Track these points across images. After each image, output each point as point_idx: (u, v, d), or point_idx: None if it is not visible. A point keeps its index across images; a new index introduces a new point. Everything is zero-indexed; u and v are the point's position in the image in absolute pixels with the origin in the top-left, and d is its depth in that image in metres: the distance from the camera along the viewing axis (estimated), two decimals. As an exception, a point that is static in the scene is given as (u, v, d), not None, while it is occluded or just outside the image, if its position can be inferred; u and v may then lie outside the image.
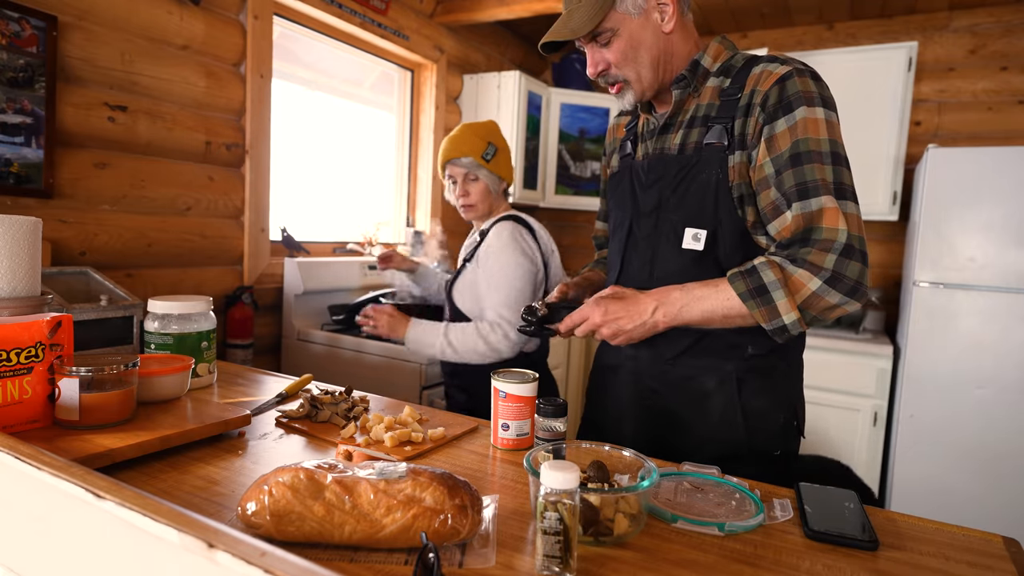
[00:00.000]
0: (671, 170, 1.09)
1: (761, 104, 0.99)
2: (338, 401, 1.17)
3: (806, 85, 0.97)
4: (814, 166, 0.94)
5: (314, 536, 0.66)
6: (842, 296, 0.92)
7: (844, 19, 3.16)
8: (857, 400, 2.62)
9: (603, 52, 1.08)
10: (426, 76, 3.20)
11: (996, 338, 2.34)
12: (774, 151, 0.97)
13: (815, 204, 0.93)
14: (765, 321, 0.95)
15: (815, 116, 0.96)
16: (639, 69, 1.07)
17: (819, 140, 0.95)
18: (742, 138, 1.01)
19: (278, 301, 2.43)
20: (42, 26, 1.63)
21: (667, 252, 1.09)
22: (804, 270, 0.92)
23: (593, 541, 0.71)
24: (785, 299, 0.93)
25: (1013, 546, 0.75)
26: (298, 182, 2.71)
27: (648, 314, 1.00)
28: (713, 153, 1.04)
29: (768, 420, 1.09)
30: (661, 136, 1.12)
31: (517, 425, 1.01)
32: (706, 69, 1.09)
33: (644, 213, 1.13)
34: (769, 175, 0.98)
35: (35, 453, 0.57)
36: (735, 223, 1.03)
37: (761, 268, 0.95)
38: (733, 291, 0.96)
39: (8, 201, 1.61)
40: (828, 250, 0.92)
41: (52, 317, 0.94)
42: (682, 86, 1.08)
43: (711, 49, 1.09)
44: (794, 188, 0.95)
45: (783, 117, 0.97)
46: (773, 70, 1.00)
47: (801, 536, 0.76)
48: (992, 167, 2.34)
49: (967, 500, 2.38)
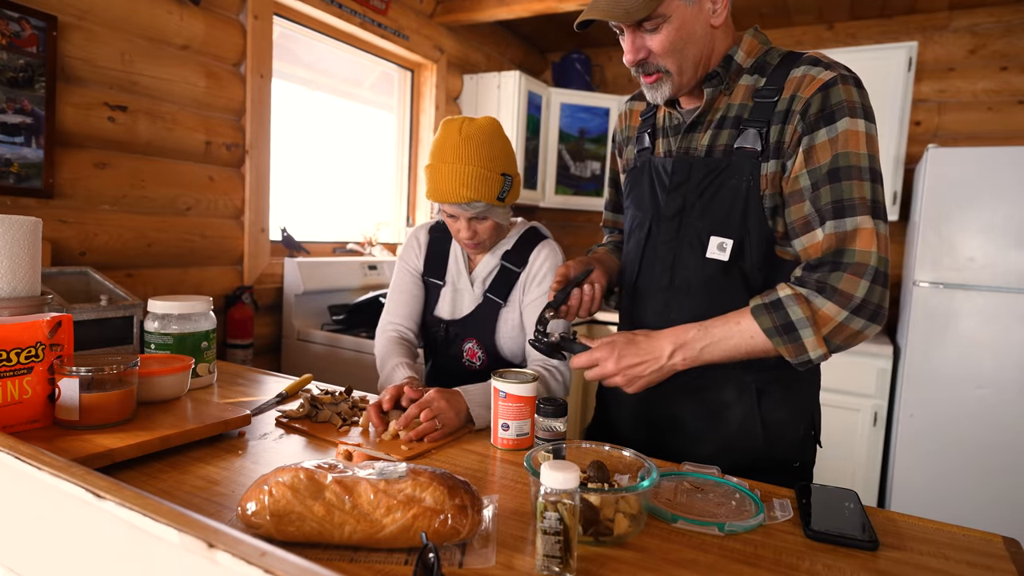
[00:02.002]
0: (698, 174, 1.03)
1: (802, 112, 0.94)
2: (338, 401, 1.17)
3: (850, 94, 0.92)
4: (853, 183, 0.90)
5: (314, 536, 0.66)
6: (865, 322, 0.89)
7: (844, 19, 3.16)
8: (857, 400, 2.62)
9: (647, 39, 0.98)
10: (426, 76, 3.20)
11: (996, 338, 2.33)
12: (812, 163, 0.93)
13: (850, 224, 0.90)
14: (791, 357, 0.91)
15: (857, 129, 0.91)
16: (682, 61, 0.99)
17: (859, 155, 0.91)
18: (778, 146, 0.96)
19: (278, 301, 2.43)
20: (42, 26, 1.63)
21: (689, 260, 1.04)
22: (832, 303, 0.89)
23: (593, 541, 0.71)
24: (813, 336, 0.89)
25: (1013, 546, 0.75)
26: (298, 182, 2.71)
27: (665, 358, 0.95)
28: (745, 158, 0.98)
29: (788, 431, 1.06)
30: (687, 135, 1.06)
31: (517, 425, 1.01)
32: (739, 65, 1.02)
33: (666, 217, 1.07)
34: (804, 188, 0.93)
35: (35, 453, 0.57)
36: (764, 234, 0.98)
37: (788, 303, 0.90)
38: (757, 326, 0.91)
39: (8, 201, 1.61)
40: (861, 275, 0.88)
41: (52, 317, 0.94)
42: (715, 83, 1.02)
43: (744, 43, 1.03)
44: (830, 205, 0.91)
45: (824, 128, 0.92)
46: (817, 75, 0.94)
47: (801, 536, 0.76)
48: (992, 167, 2.33)
49: (967, 500, 2.38)
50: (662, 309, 1.09)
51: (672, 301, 1.08)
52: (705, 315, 0.98)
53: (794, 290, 0.92)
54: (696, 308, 1.03)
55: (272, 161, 2.33)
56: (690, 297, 1.05)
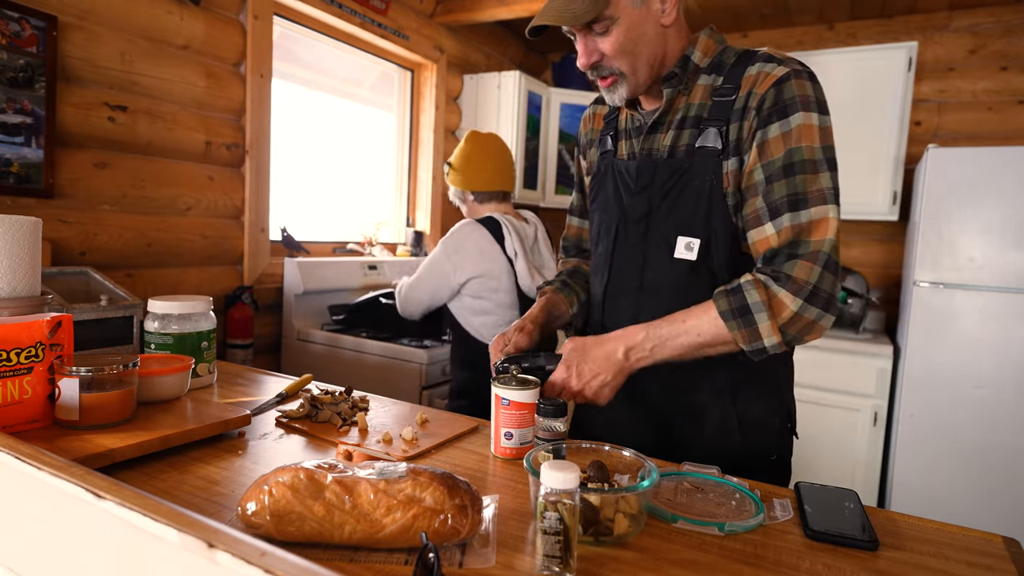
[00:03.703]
0: (661, 175, 1.04)
1: (757, 107, 0.95)
2: (338, 401, 1.17)
3: (803, 89, 0.94)
4: (807, 176, 0.92)
5: (314, 536, 0.66)
6: (819, 311, 0.90)
7: (844, 19, 3.16)
8: (857, 400, 2.62)
9: (598, 41, 1.00)
10: (426, 76, 3.20)
11: (996, 338, 2.33)
12: (765, 157, 0.94)
13: (804, 216, 0.91)
14: (745, 343, 0.92)
15: (811, 123, 0.92)
16: (635, 62, 1.01)
17: (814, 148, 0.92)
18: (737, 143, 0.97)
19: (278, 301, 2.43)
20: (42, 26, 1.63)
21: (658, 261, 1.05)
22: (787, 291, 0.90)
23: (593, 541, 0.71)
24: (768, 322, 0.91)
25: (1013, 546, 0.75)
26: (298, 182, 2.71)
27: (621, 358, 0.97)
28: (707, 158, 1.00)
29: (764, 426, 1.07)
30: (649, 136, 1.07)
31: (520, 434, 0.97)
32: (696, 65, 1.04)
33: (632, 220, 1.08)
34: (759, 182, 0.95)
35: (35, 453, 0.57)
36: (730, 232, 0.99)
37: (746, 288, 0.92)
38: (711, 313, 0.93)
39: (8, 201, 1.61)
40: (814, 262, 0.90)
41: (52, 317, 0.94)
42: (673, 84, 1.03)
43: (700, 43, 1.04)
44: (785, 199, 0.92)
45: (777, 122, 0.93)
46: (771, 71, 0.96)
47: (801, 536, 0.76)
48: (992, 167, 2.34)
49: (967, 500, 2.38)
50: (633, 312, 1.09)
51: (642, 303, 1.08)
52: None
53: (753, 276, 0.94)
54: (665, 308, 1.03)
55: (272, 161, 2.33)
56: (660, 298, 1.06)
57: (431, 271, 1.87)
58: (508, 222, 1.85)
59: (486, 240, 1.82)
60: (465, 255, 1.80)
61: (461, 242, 1.82)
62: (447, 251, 1.83)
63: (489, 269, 1.80)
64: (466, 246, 1.81)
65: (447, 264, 1.82)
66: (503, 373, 1.02)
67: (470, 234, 1.83)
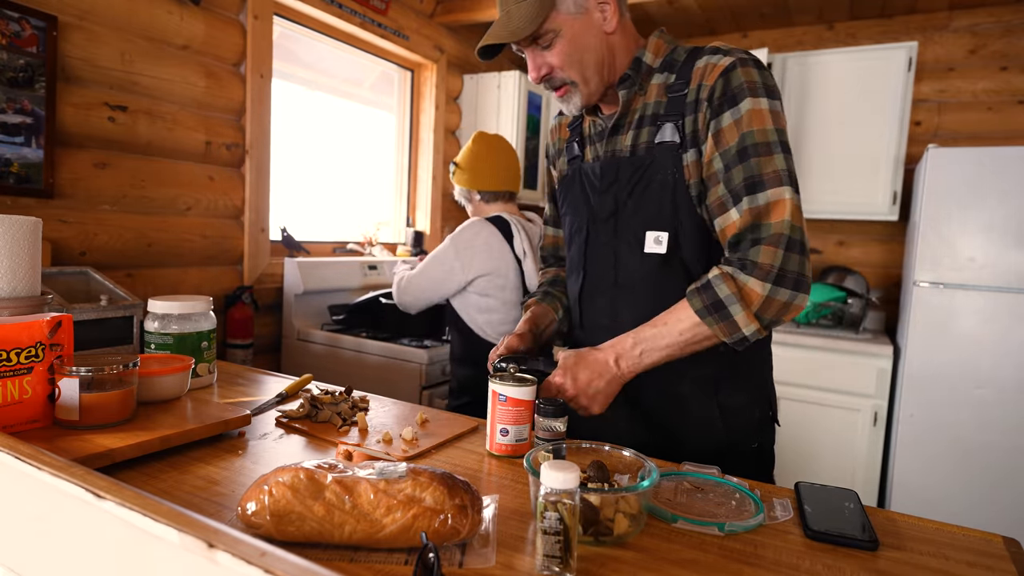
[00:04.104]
0: (625, 173, 1.07)
1: (708, 99, 0.98)
2: (338, 401, 1.17)
3: (750, 75, 0.96)
4: (761, 159, 0.94)
5: (314, 536, 0.66)
6: (790, 292, 0.92)
7: (844, 19, 3.16)
8: (857, 400, 2.62)
9: (545, 55, 1.04)
10: (426, 76, 3.20)
11: (996, 338, 2.33)
12: (722, 146, 0.96)
13: (762, 199, 0.93)
14: (726, 336, 0.94)
15: (760, 107, 0.95)
16: (584, 71, 1.04)
17: (766, 131, 0.94)
18: (694, 135, 1.00)
19: (278, 301, 2.43)
20: (42, 26, 1.63)
21: (629, 258, 1.08)
22: (755, 278, 0.92)
23: (593, 541, 0.71)
24: (743, 312, 0.92)
25: (1013, 546, 0.75)
26: (298, 182, 2.71)
27: (613, 367, 0.99)
28: (666, 152, 1.02)
29: (744, 415, 1.09)
30: (611, 138, 1.10)
31: (516, 430, 0.98)
32: (649, 66, 1.07)
33: (601, 219, 1.11)
34: (718, 170, 0.97)
35: (35, 453, 0.57)
36: (696, 223, 1.02)
37: (715, 283, 0.94)
38: (687, 313, 0.95)
39: (8, 201, 1.61)
40: (776, 245, 0.91)
41: (52, 317, 0.94)
42: (627, 86, 1.06)
43: (651, 45, 1.08)
44: (743, 184, 0.94)
45: (729, 111, 0.96)
46: (717, 62, 0.98)
47: (801, 536, 0.76)
48: (992, 167, 2.34)
49: (967, 500, 2.38)
50: (610, 309, 1.12)
51: (618, 299, 1.11)
52: (651, 309, 1.02)
53: (721, 270, 0.95)
54: (642, 303, 1.07)
55: (272, 161, 2.33)
56: (635, 293, 1.08)
57: (437, 265, 1.86)
58: (516, 222, 1.86)
59: (496, 238, 1.82)
60: (475, 253, 1.81)
61: (471, 240, 1.82)
62: (456, 247, 1.82)
63: (497, 267, 1.80)
64: (476, 244, 1.82)
65: (455, 261, 1.82)
66: (500, 371, 1.04)
67: (480, 232, 1.83)
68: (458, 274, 1.82)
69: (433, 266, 1.87)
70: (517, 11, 1.01)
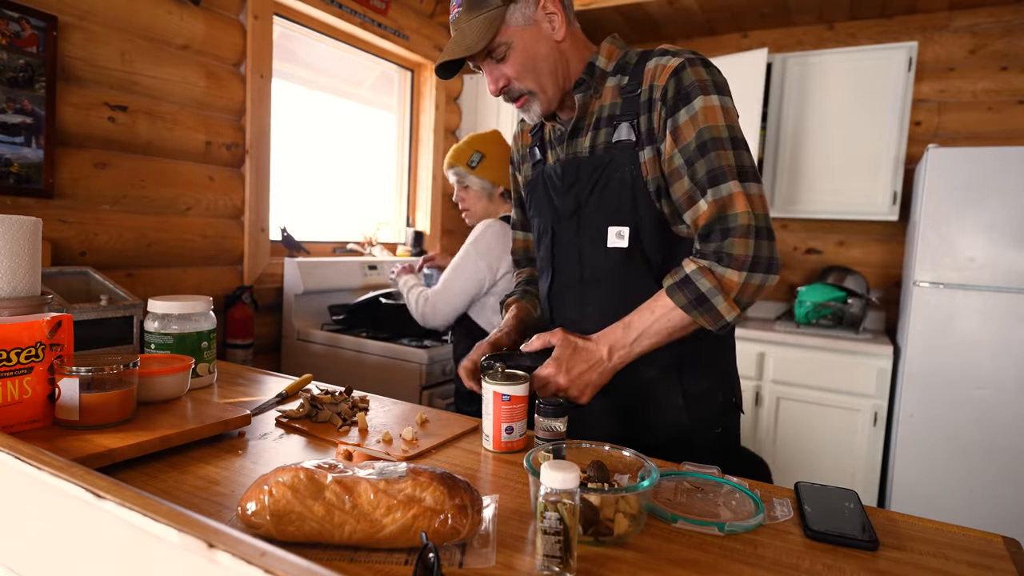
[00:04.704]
0: (585, 172, 1.11)
1: (661, 98, 1.01)
2: (338, 401, 1.17)
3: (699, 74, 1.00)
4: (720, 152, 0.97)
5: (314, 536, 0.66)
6: (763, 275, 0.96)
7: (844, 19, 3.16)
8: (857, 400, 2.62)
9: (501, 67, 1.08)
10: (426, 76, 3.20)
11: (996, 338, 2.33)
12: (680, 142, 1.00)
13: (725, 190, 0.96)
14: (711, 325, 0.98)
15: (712, 104, 0.99)
16: (540, 79, 1.08)
17: (719, 127, 0.98)
18: (649, 133, 1.04)
19: (278, 301, 2.43)
20: (42, 26, 1.63)
21: (593, 253, 1.11)
22: (732, 269, 0.96)
23: (593, 541, 0.71)
24: (724, 302, 0.96)
25: (1013, 546, 0.75)
26: (298, 182, 2.71)
27: (606, 358, 1.02)
28: (623, 150, 1.06)
29: (708, 401, 1.13)
30: (571, 141, 1.14)
31: (519, 426, 1.01)
32: (602, 70, 1.11)
33: (564, 217, 1.15)
34: (680, 166, 1.00)
35: (35, 453, 0.57)
36: (655, 217, 1.06)
37: (695, 278, 0.97)
38: (671, 304, 0.99)
39: (8, 201, 1.61)
40: (747, 235, 0.95)
41: (52, 317, 0.94)
42: (583, 89, 1.10)
43: (603, 50, 1.12)
44: (705, 176, 0.98)
45: (683, 108, 0.99)
46: (666, 63, 1.02)
47: (801, 536, 0.76)
48: (992, 167, 2.33)
49: (967, 500, 2.38)
50: (579, 303, 1.16)
51: (586, 294, 1.14)
52: (617, 301, 1.07)
53: (698, 264, 0.99)
54: (608, 296, 1.11)
55: (272, 161, 2.33)
56: (600, 287, 1.12)
57: (464, 275, 1.82)
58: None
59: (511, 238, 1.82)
60: (498, 253, 1.82)
61: (492, 242, 1.82)
62: (479, 251, 1.81)
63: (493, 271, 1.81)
64: (498, 245, 1.82)
65: (480, 264, 1.81)
66: (489, 370, 1.06)
67: (498, 232, 1.84)
68: (486, 276, 1.81)
69: (458, 276, 1.82)
70: (469, 28, 1.05)
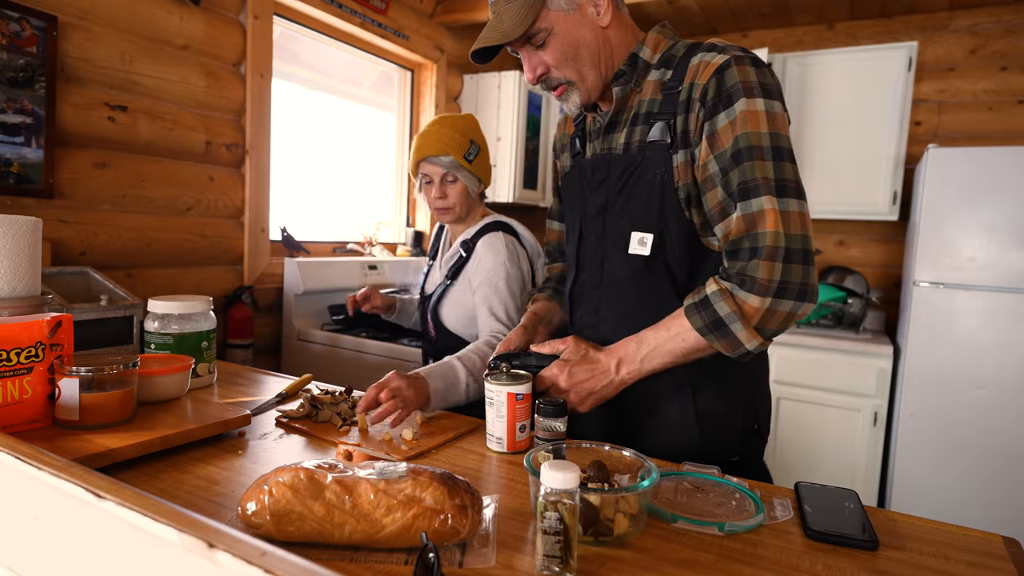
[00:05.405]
0: (616, 170, 1.04)
1: (700, 98, 0.94)
2: (338, 401, 1.17)
3: (745, 74, 0.91)
4: (755, 163, 0.89)
5: (314, 536, 0.66)
6: (794, 302, 0.88)
7: (844, 19, 3.16)
8: (857, 400, 2.62)
9: (540, 55, 1.01)
10: (426, 76, 3.20)
11: (996, 338, 2.33)
12: (716, 148, 0.92)
13: (755, 205, 0.89)
14: (729, 351, 0.92)
15: (755, 108, 0.90)
16: (580, 68, 1.01)
17: (760, 134, 0.90)
18: (685, 135, 0.96)
19: (278, 301, 2.43)
20: (42, 26, 1.63)
21: (615, 257, 1.06)
22: (755, 294, 0.88)
23: (593, 541, 0.71)
24: (744, 330, 0.89)
25: (1013, 546, 0.75)
26: (298, 182, 2.71)
27: (613, 371, 0.98)
28: (656, 152, 0.99)
29: (725, 425, 1.05)
30: (607, 135, 1.08)
31: (528, 424, 1.02)
32: (646, 62, 1.03)
33: (591, 216, 1.09)
34: (714, 174, 0.93)
35: (35, 453, 0.57)
36: (683, 226, 0.99)
37: (714, 300, 0.91)
38: (687, 325, 0.93)
39: (8, 201, 1.61)
40: (774, 258, 0.87)
41: (52, 317, 0.94)
42: (622, 82, 1.03)
43: (650, 40, 1.04)
44: (737, 188, 0.90)
45: (723, 111, 0.92)
46: (711, 60, 0.94)
47: (801, 536, 0.76)
48: (992, 167, 2.33)
49: (967, 500, 2.38)
50: (595, 307, 1.11)
51: (603, 298, 1.10)
52: (633, 312, 1.02)
53: (719, 285, 0.92)
54: (624, 304, 1.06)
55: (272, 161, 2.33)
56: (618, 293, 1.07)
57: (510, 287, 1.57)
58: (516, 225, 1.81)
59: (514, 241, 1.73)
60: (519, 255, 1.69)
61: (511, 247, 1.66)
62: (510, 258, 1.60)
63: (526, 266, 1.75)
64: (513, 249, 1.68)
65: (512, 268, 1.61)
66: (495, 370, 1.05)
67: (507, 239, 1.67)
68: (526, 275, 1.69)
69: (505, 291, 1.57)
70: (507, 12, 0.98)
